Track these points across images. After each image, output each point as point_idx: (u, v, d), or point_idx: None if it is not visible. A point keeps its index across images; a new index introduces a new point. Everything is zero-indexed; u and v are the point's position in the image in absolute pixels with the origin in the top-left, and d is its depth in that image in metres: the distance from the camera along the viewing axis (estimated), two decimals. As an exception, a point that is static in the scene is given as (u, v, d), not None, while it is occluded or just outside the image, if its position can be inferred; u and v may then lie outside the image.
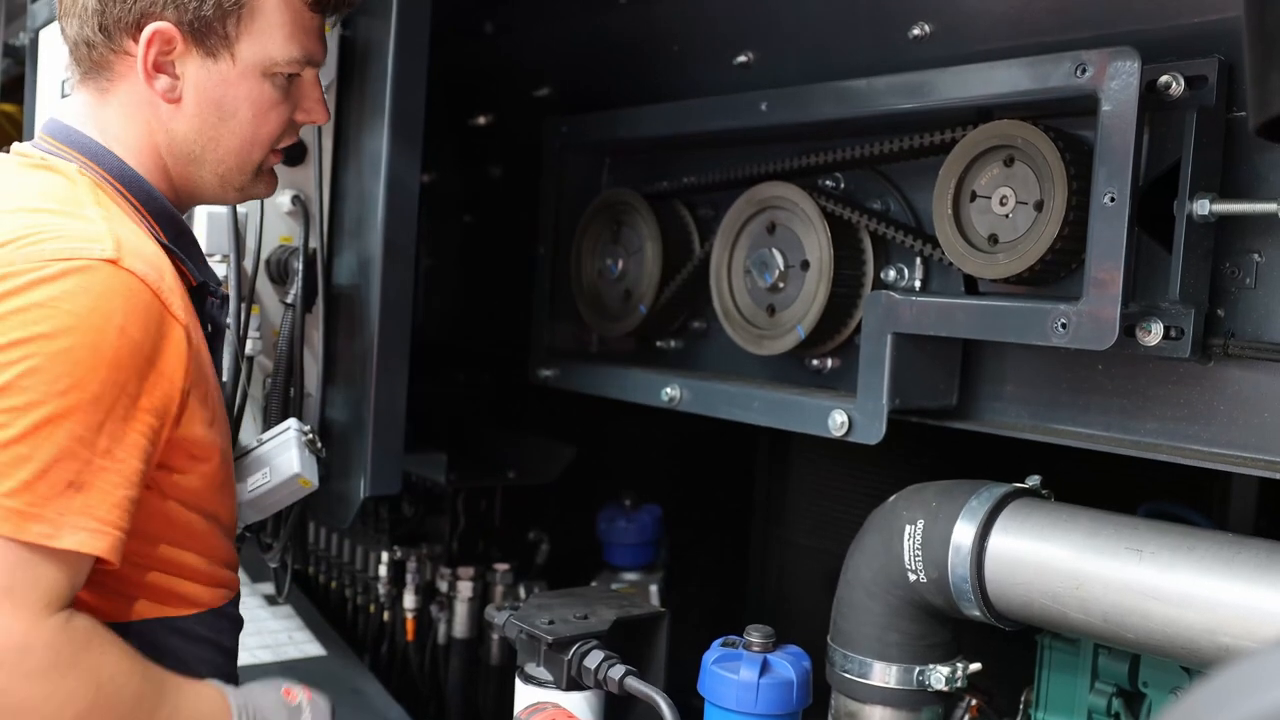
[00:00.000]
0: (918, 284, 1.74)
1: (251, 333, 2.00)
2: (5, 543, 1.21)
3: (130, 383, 1.28)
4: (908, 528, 1.51)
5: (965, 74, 1.55)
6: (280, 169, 2.01)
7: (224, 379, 1.64)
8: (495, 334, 2.63)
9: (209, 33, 1.44)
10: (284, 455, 1.93)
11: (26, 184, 1.42)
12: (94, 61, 1.47)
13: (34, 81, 2.67)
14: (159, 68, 1.45)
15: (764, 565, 2.87)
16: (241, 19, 1.46)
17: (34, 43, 2.67)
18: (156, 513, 1.40)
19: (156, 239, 1.44)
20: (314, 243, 2.03)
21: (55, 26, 2.57)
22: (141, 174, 1.50)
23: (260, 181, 1.61)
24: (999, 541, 1.44)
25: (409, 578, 2.62)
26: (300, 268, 2.01)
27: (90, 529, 1.25)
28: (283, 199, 2.03)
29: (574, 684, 1.66)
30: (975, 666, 1.57)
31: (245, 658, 1.87)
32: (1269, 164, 1.37)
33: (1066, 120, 1.52)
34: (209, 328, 1.55)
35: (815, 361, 1.86)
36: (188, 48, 1.45)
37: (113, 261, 1.29)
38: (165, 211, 1.50)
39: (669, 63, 2.12)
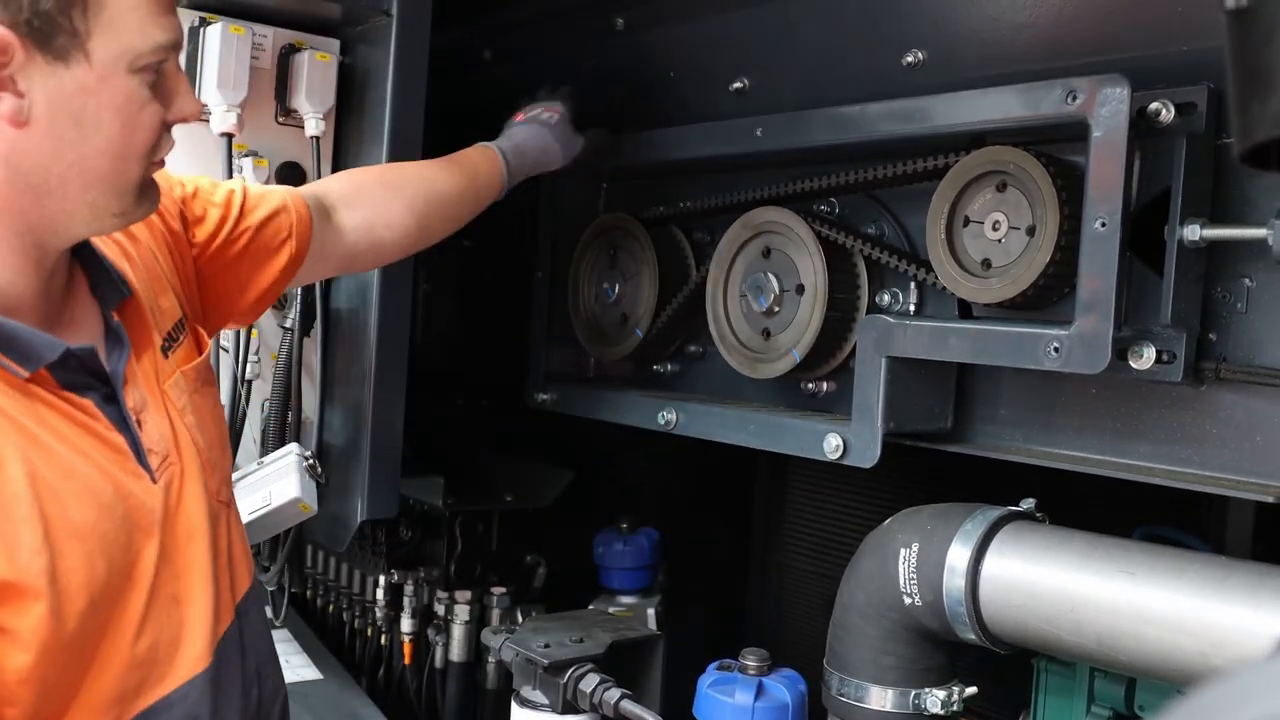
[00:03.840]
0: (912, 308, 1.75)
1: (250, 356, 2.01)
2: None
3: None
4: (903, 551, 1.51)
5: (958, 101, 1.56)
6: (279, 194, 2.03)
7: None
8: (493, 358, 2.63)
9: (53, 31, 1.14)
10: (284, 480, 1.94)
11: None
12: None
13: None
14: (4, 85, 1.15)
15: (762, 589, 2.87)
16: (89, 8, 1.16)
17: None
18: None
19: None
20: (312, 268, 2.04)
21: None
22: None
23: (144, 201, 1.30)
24: (994, 564, 1.45)
25: (406, 601, 2.62)
26: (298, 292, 2.02)
27: None
28: (282, 224, 2.04)
29: (569, 707, 1.66)
30: (971, 690, 1.57)
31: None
32: (1258, 190, 1.38)
33: (1058, 146, 1.53)
34: (100, 385, 1.30)
35: (810, 385, 1.87)
36: (29, 55, 1.14)
37: None
38: None
39: (665, 89, 2.13)
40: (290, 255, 1.66)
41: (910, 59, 1.71)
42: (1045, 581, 1.40)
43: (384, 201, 1.81)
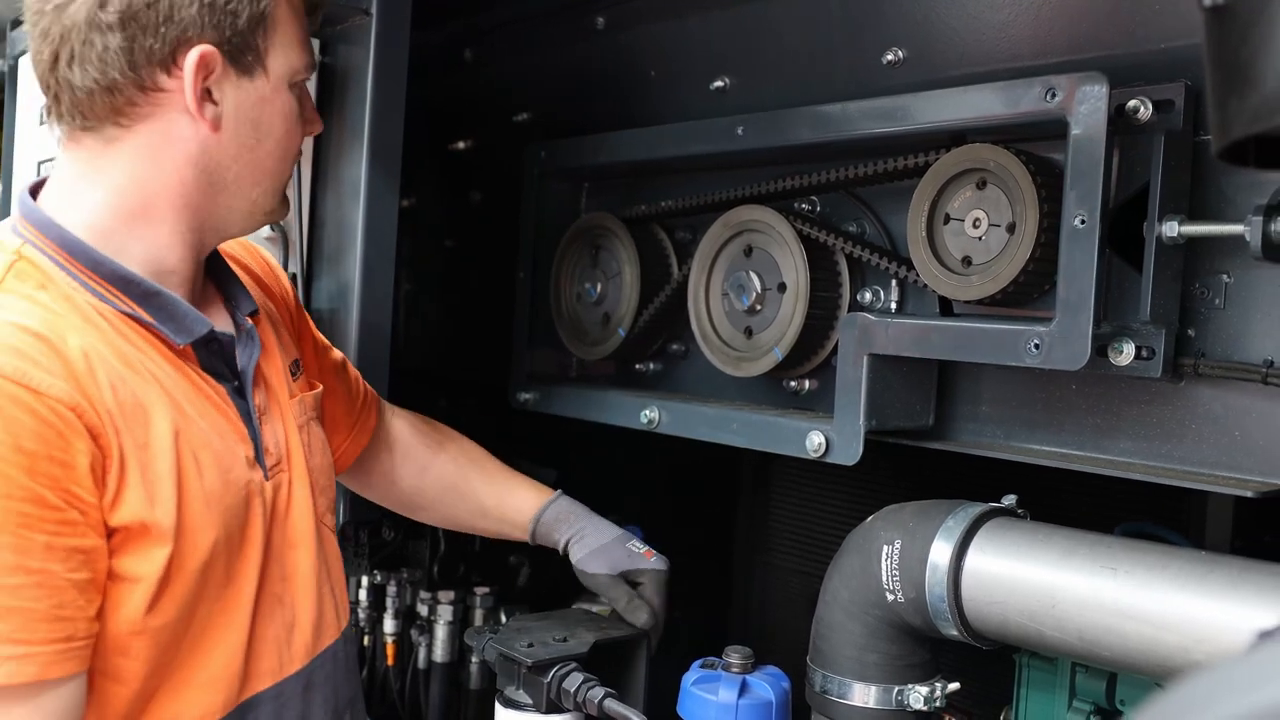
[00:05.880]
0: (893, 306, 1.75)
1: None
2: None
3: (13, 487, 1.15)
4: (885, 548, 1.52)
5: (938, 99, 1.57)
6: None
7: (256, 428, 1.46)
8: (476, 358, 2.63)
9: (245, 49, 1.36)
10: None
11: None
12: (113, 109, 1.33)
13: (13, 110, 2.67)
14: (204, 95, 1.34)
15: (746, 587, 2.87)
16: (267, 30, 1.38)
17: (13, 70, 2.67)
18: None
19: (118, 309, 1.32)
20: (293, 268, 2.04)
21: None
22: (159, 223, 1.37)
23: (285, 203, 1.52)
24: (975, 560, 1.45)
25: (389, 602, 2.62)
26: (280, 292, 2.01)
27: (16, 656, 1.15)
28: (262, 224, 2.03)
29: (553, 707, 1.66)
30: (954, 686, 1.57)
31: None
32: (1235, 186, 1.39)
33: (1038, 144, 1.54)
34: (231, 378, 1.44)
35: (793, 383, 1.87)
36: (226, 69, 1.35)
37: None
38: (119, 275, 1.34)
39: (646, 88, 2.14)
40: (353, 440, 1.86)
41: (890, 57, 1.71)
42: (1027, 577, 1.41)
43: (442, 484, 1.97)
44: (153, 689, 1.30)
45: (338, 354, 1.85)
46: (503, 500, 1.94)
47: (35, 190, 1.42)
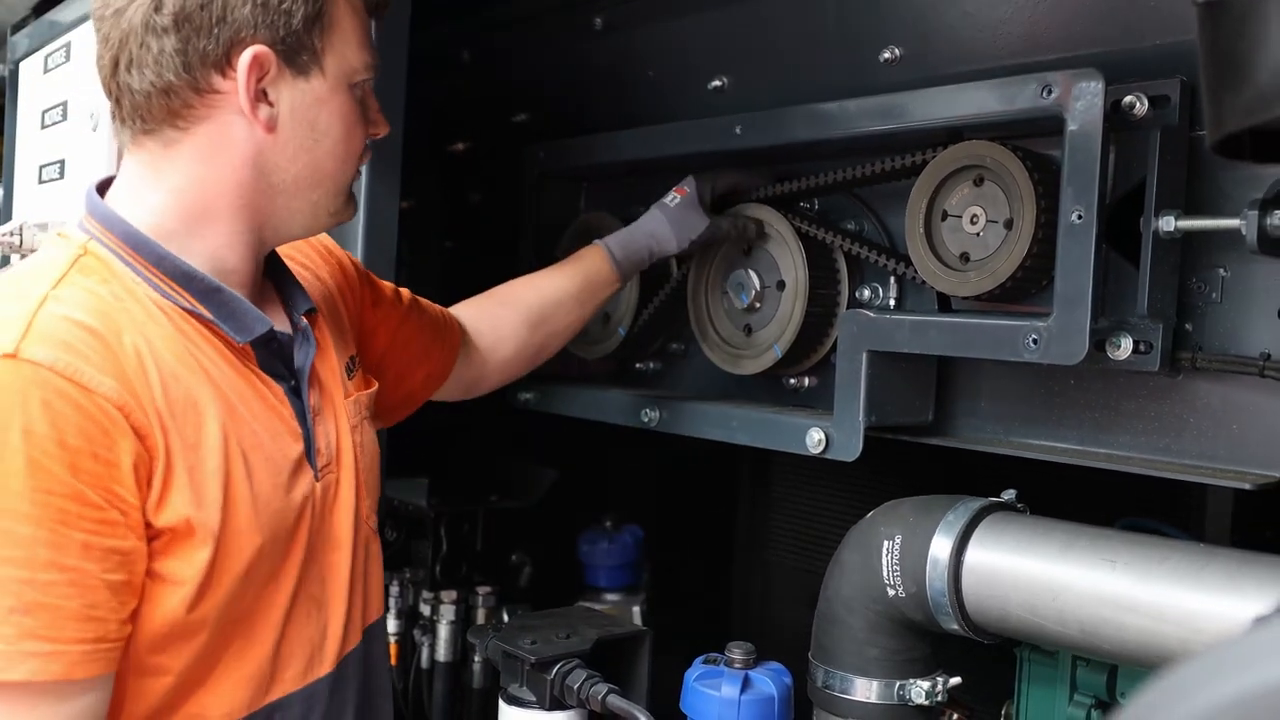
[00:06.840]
0: (892, 302, 1.76)
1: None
2: None
3: (54, 483, 1.14)
4: (886, 543, 1.52)
5: (935, 96, 1.58)
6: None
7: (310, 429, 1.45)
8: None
9: (300, 49, 1.34)
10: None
11: (17, 267, 1.34)
12: (170, 111, 1.32)
13: (14, 115, 2.68)
14: (259, 96, 1.33)
15: (746, 585, 2.88)
16: (324, 30, 1.36)
17: (14, 74, 2.68)
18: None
19: (179, 304, 1.32)
20: (294, 269, 2.04)
21: (37, 58, 2.58)
22: (219, 224, 1.37)
23: (350, 204, 1.49)
24: (976, 555, 1.46)
25: (392, 602, 2.62)
26: (280, 294, 2.02)
27: (43, 654, 1.13)
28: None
29: (557, 703, 1.66)
30: (955, 680, 1.58)
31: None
32: (1231, 181, 1.40)
33: (1034, 140, 1.55)
34: (289, 378, 1.43)
35: (793, 380, 1.88)
36: (280, 70, 1.33)
37: (10, 355, 1.15)
38: (180, 272, 1.33)
39: (644, 88, 2.14)
40: (442, 361, 1.83)
41: (887, 55, 1.72)
42: (1028, 571, 1.41)
43: (502, 321, 1.92)
44: (185, 685, 1.30)
45: (406, 293, 1.85)
46: (586, 274, 1.93)
47: (101, 188, 1.41)
